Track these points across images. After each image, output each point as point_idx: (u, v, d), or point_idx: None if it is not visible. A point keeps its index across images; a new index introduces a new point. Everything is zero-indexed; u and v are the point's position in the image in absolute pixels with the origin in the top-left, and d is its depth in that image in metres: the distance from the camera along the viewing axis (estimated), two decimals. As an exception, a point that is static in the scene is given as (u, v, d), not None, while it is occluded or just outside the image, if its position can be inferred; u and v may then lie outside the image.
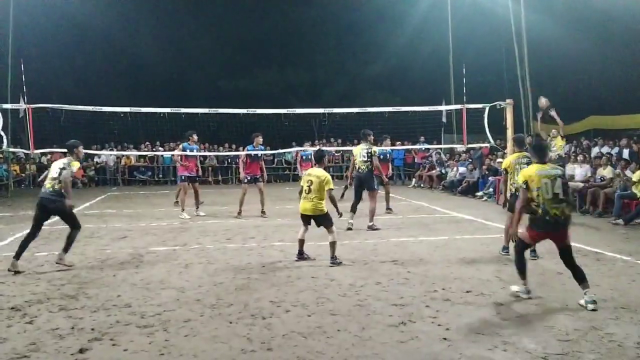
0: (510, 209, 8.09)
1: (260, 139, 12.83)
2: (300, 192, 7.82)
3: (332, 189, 7.66)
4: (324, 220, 7.57)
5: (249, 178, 12.56)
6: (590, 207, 12.80)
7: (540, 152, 6.02)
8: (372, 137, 11.01)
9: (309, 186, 7.54)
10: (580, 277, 5.67)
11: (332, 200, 7.68)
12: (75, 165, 7.87)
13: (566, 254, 5.75)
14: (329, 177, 7.71)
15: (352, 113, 16.56)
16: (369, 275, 6.90)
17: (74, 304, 5.76)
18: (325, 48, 34.10)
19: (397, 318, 5.23)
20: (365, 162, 10.70)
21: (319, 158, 7.96)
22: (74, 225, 7.75)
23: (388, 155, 14.35)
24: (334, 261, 7.44)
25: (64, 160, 7.94)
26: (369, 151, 10.73)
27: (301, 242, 7.73)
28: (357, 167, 10.94)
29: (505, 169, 8.06)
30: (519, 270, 5.93)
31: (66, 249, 7.67)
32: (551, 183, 5.67)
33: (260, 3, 29.60)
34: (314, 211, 7.52)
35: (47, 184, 7.74)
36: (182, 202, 12.85)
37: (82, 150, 8.55)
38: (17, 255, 7.36)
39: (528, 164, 7.86)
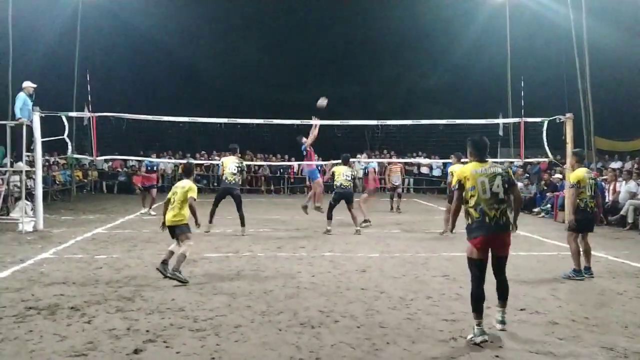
0: (579, 228, 7.62)
1: None
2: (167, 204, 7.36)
3: (194, 198, 7.30)
4: (183, 230, 7.28)
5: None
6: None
7: (481, 150, 5.34)
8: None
9: (173, 196, 7.30)
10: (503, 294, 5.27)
11: (192, 209, 7.33)
12: (244, 163, 11.74)
13: (502, 264, 5.24)
14: (194, 186, 7.42)
15: (406, 125, 16.49)
16: (420, 289, 6.81)
17: (130, 305, 5.94)
18: (381, 62, 33.97)
19: (447, 334, 5.13)
20: None
21: (188, 172, 7.70)
22: (240, 207, 11.18)
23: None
24: (173, 274, 6.97)
25: (235, 159, 11.37)
26: None
27: (171, 253, 7.22)
28: None
29: (578, 182, 7.50)
30: (476, 307, 5.00)
31: (243, 223, 11.23)
32: (489, 182, 5.12)
33: (317, 19, 29.87)
34: (173, 221, 7.22)
35: (229, 178, 11.25)
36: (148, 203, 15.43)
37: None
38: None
39: (593, 179, 7.63)
